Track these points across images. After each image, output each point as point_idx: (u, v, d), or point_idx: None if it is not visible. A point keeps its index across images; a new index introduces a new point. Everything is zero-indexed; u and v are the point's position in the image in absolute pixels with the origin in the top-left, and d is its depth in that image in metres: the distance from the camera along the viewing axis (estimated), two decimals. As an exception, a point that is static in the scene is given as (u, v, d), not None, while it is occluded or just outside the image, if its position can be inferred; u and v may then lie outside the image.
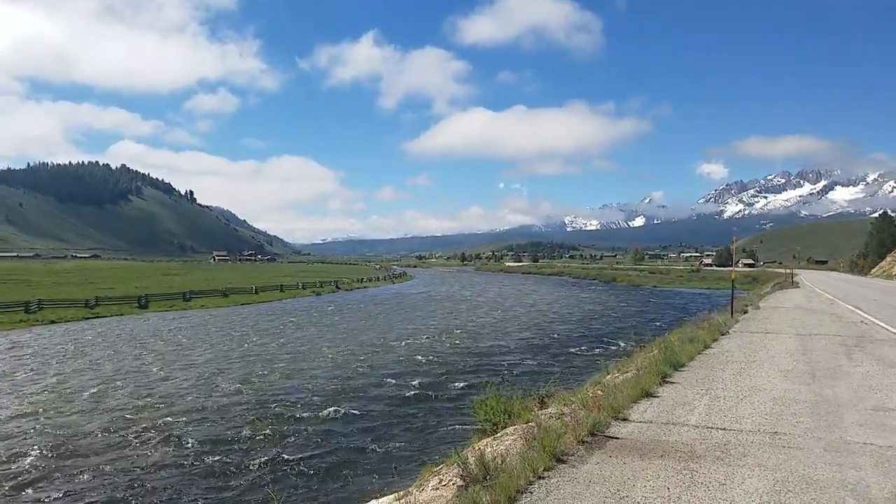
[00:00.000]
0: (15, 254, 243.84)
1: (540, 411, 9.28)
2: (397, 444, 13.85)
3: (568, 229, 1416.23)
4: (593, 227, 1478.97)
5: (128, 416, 16.45)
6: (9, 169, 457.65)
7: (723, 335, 16.55)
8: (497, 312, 47.44)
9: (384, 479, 11.28)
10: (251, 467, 12.45)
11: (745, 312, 24.38)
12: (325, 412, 16.61)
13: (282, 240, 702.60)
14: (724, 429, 7.46)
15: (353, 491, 10.95)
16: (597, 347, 27.84)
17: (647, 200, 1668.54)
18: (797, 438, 7.06)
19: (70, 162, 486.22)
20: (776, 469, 5.99)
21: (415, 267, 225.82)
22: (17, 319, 39.38)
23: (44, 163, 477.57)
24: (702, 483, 5.62)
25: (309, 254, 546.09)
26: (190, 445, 13.85)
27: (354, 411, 16.73)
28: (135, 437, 14.49)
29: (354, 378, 21.33)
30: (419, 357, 25.62)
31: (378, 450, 13.53)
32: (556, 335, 32.90)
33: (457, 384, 20.14)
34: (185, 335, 33.79)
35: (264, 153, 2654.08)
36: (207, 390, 19.62)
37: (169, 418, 16.14)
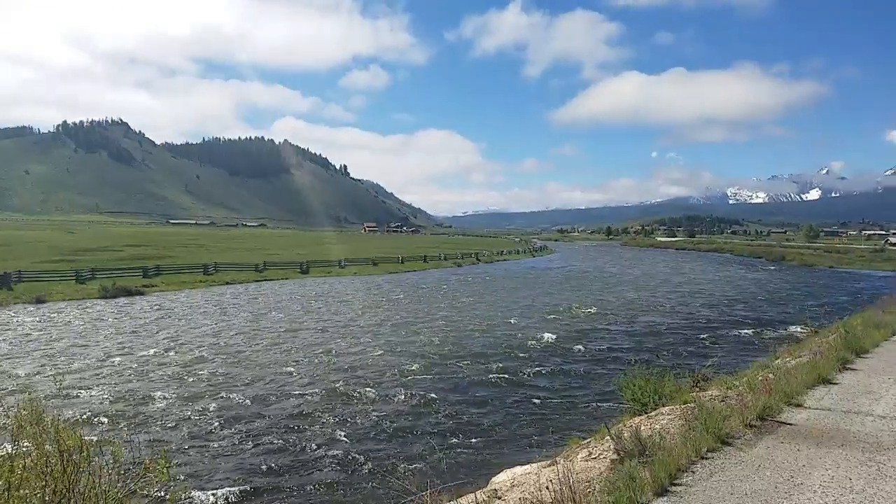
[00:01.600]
0: (193, 221, 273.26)
1: (699, 393, 8.95)
2: (531, 417, 13.92)
3: (730, 202, 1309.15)
4: (760, 200, 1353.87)
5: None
6: (187, 143, 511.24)
7: (914, 322, 14.81)
8: (643, 293, 45.59)
9: (521, 449, 11.48)
10: (392, 428, 13.18)
11: (941, 298, 21.63)
12: (478, 378, 17.14)
13: (425, 212, 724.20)
14: (916, 422, 6.76)
15: (492, 456, 11.22)
16: (760, 332, 25.90)
17: (825, 171, 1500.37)
18: None
19: (239, 137, 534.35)
20: (982, 470, 5.35)
21: (556, 241, 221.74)
22: (198, 280, 44.45)
23: (217, 138, 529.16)
24: (891, 477, 5.18)
25: (450, 226, 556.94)
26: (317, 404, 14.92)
27: (498, 382, 17.07)
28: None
29: (500, 347, 21.69)
30: (555, 334, 25.32)
31: (511, 421, 13.69)
32: (711, 318, 31.09)
33: (595, 362, 19.80)
34: (342, 298, 36.15)
35: (412, 127, 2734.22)
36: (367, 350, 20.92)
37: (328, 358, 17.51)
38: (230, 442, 11.97)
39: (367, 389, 15.74)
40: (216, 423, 12.98)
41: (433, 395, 15.40)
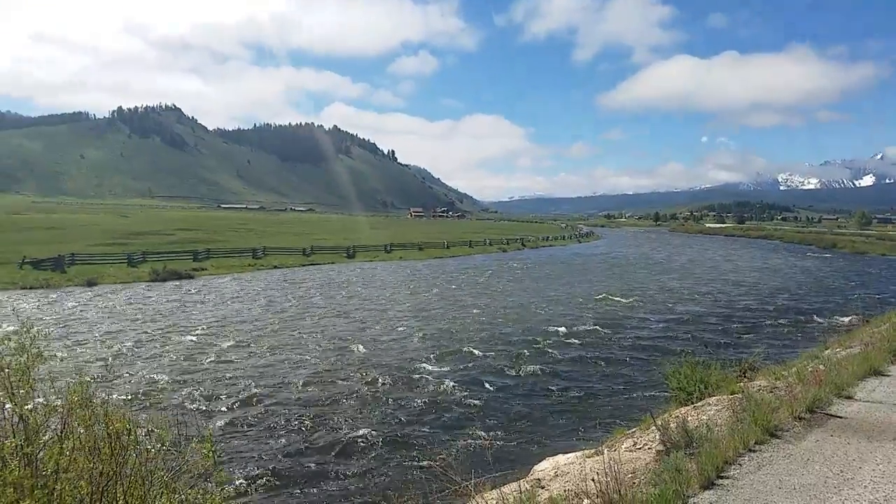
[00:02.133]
0: (244, 205, 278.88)
1: (747, 383, 8.75)
2: (567, 406, 13.87)
3: (781, 188, 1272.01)
4: (812, 186, 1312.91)
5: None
6: (239, 129, 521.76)
7: (976, 313, 14.17)
8: (687, 281, 44.53)
9: (560, 437, 11.44)
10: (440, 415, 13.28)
11: None
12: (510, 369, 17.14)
13: (471, 197, 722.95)
14: (975, 417, 6.48)
15: (531, 445, 11.22)
16: (807, 321, 25.09)
17: (879, 157, 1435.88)
18: None
19: (290, 123, 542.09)
20: None
21: (602, 227, 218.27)
22: (246, 264, 45.41)
23: (268, 124, 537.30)
24: (946, 474, 4.95)
25: (496, 211, 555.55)
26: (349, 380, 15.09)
27: (538, 369, 17.02)
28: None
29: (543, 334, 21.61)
30: (595, 323, 24.98)
31: (547, 409, 13.66)
32: (756, 307, 30.26)
33: (633, 352, 19.55)
34: (384, 283, 36.52)
35: (459, 112, 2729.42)
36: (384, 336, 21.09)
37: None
38: (266, 428, 12.19)
39: (407, 378, 15.93)
40: (252, 411, 13.25)
41: (470, 383, 15.47)
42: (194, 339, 20.40)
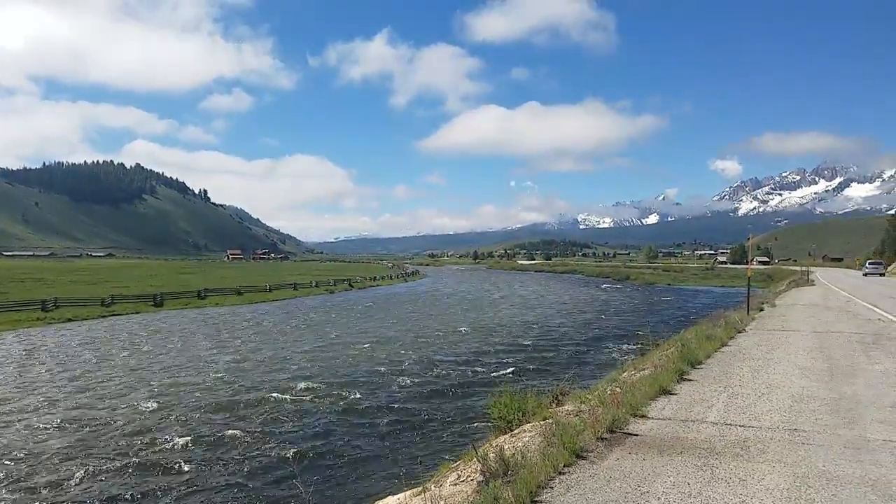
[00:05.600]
0: (31, 253, 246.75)
1: (557, 408, 9.33)
2: (401, 442, 13.92)
3: (581, 227, 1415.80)
4: (606, 225, 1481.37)
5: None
6: (24, 168, 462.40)
7: (739, 333, 16.49)
8: (505, 311, 47.38)
9: (393, 475, 11.36)
10: (264, 459, 12.60)
11: (761, 310, 24.29)
12: (339, 405, 16.78)
13: (295, 238, 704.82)
14: (742, 426, 7.49)
15: (363, 487, 11.01)
16: (610, 346, 27.78)
17: (662, 198, 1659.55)
18: (816, 435, 7.07)
19: (85, 161, 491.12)
20: (796, 465, 6.01)
21: (427, 265, 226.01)
22: (33, 318, 39.56)
23: (59, 162, 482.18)
24: (722, 479, 5.65)
25: (322, 252, 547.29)
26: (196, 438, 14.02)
27: (362, 405, 16.87)
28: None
29: (357, 376, 21.47)
30: (425, 356, 25.66)
31: (381, 446, 13.58)
32: (567, 334, 32.85)
33: (462, 382, 20.20)
34: (197, 333, 34.09)
35: (279, 152, 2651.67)
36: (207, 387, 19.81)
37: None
38: None
39: (214, 433, 14.86)
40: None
41: (285, 439, 14.81)
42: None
